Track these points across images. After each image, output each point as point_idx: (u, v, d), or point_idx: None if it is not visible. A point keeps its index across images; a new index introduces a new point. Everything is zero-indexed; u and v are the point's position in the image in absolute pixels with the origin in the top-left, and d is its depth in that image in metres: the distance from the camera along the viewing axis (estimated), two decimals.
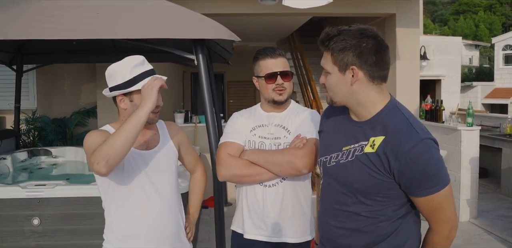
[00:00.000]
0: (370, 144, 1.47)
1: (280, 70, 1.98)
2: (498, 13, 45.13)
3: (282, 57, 2.01)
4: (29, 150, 4.98)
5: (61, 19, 3.15)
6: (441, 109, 5.53)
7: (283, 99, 2.01)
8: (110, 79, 1.80)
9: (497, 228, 4.75)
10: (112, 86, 1.79)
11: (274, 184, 1.97)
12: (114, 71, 1.78)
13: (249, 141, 2.04)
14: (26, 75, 6.21)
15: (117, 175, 1.76)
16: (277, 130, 2.02)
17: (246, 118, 2.10)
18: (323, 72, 1.57)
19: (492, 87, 18.19)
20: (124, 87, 1.77)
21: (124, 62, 1.77)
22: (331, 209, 1.59)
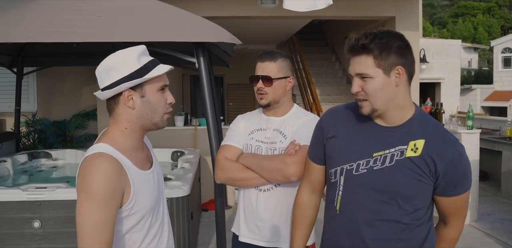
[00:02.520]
0: (411, 148, 1.47)
1: (261, 74, 1.97)
2: (496, 15, 45.22)
3: (270, 61, 1.97)
4: (29, 153, 4.98)
5: (62, 22, 3.16)
6: (441, 112, 5.54)
7: (264, 103, 2.01)
8: (110, 72, 1.38)
9: (498, 231, 4.74)
10: (116, 80, 1.38)
11: (269, 189, 1.98)
12: (116, 62, 1.38)
13: (247, 144, 2.05)
14: (27, 78, 6.21)
15: (146, 207, 1.43)
16: (274, 134, 2.01)
17: (246, 121, 2.11)
18: (358, 80, 1.52)
19: (491, 90, 18.21)
20: (134, 77, 1.38)
21: (126, 52, 1.41)
22: (366, 220, 1.52)
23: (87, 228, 1.26)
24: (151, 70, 1.41)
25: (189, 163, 4.22)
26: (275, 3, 5.39)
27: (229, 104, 12.18)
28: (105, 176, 1.29)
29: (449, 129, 5.23)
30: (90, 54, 5.22)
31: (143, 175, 1.44)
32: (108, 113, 1.47)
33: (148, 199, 1.44)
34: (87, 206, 1.27)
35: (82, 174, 1.32)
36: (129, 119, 1.44)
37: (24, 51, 5.12)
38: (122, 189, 1.34)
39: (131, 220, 1.39)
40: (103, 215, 1.27)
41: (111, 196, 1.29)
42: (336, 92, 8.62)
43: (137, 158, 1.45)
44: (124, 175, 1.35)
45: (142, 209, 1.41)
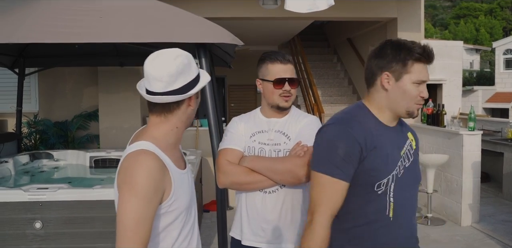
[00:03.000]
0: (411, 138, 1.70)
1: (288, 77, 1.97)
2: (498, 17, 45.20)
3: (291, 64, 2.00)
4: (30, 153, 4.98)
5: (64, 22, 3.16)
6: (443, 113, 5.54)
7: (287, 106, 2.01)
8: (180, 76, 1.42)
9: (500, 233, 4.73)
10: (187, 82, 1.43)
11: (274, 190, 1.96)
12: (184, 65, 1.43)
13: (249, 147, 2.01)
14: (28, 78, 6.21)
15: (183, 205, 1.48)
16: (277, 136, 2.00)
17: (245, 124, 2.07)
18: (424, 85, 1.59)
19: (493, 91, 18.18)
20: (198, 80, 1.48)
21: (185, 54, 1.46)
22: (413, 217, 1.70)
23: (128, 223, 1.28)
24: (199, 72, 1.51)
25: (191, 164, 4.19)
26: (277, 4, 5.40)
27: (231, 105, 12.18)
28: (149, 173, 1.33)
29: (450, 130, 5.23)
30: (91, 54, 5.24)
31: (181, 174, 1.49)
32: (155, 112, 1.48)
33: (185, 197, 1.48)
34: (131, 201, 1.30)
35: (125, 170, 1.35)
36: (183, 119, 1.50)
37: (25, 52, 5.13)
38: (164, 186, 1.37)
39: (168, 217, 1.43)
40: (145, 210, 1.30)
41: (154, 192, 1.33)
42: (338, 93, 8.62)
43: (176, 157, 1.51)
44: (166, 173, 1.39)
45: (179, 207, 1.45)
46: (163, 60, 1.41)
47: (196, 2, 5.60)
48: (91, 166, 5.00)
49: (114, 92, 6.08)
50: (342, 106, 8.17)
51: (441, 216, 5.45)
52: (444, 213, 5.43)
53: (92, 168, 4.98)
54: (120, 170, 1.38)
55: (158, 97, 1.43)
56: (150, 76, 1.42)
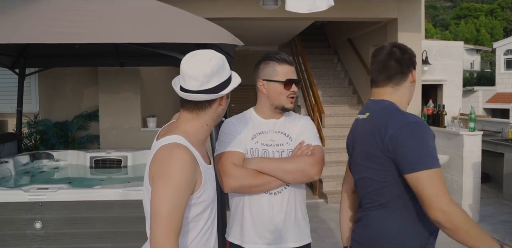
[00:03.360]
0: None
1: (295, 78, 2.00)
2: (499, 17, 45.21)
3: (292, 65, 2.02)
4: (31, 154, 4.98)
5: (64, 23, 3.16)
6: (443, 113, 5.54)
7: (292, 107, 2.03)
8: (214, 76, 1.50)
9: (500, 234, 4.73)
10: (221, 82, 1.52)
11: (279, 191, 1.97)
12: (219, 66, 1.51)
13: (252, 149, 1.98)
14: (28, 79, 6.22)
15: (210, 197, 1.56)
16: (279, 137, 2.00)
17: (244, 126, 2.02)
18: None
19: (494, 92, 18.17)
20: (230, 80, 1.57)
21: (219, 56, 1.54)
22: None
23: (163, 212, 1.35)
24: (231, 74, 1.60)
25: None
26: (277, 4, 5.40)
27: (231, 105, 12.19)
28: (183, 165, 1.40)
29: (451, 131, 5.23)
30: (92, 55, 5.24)
31: (208, 169, 1.58)
32: (188, 109, 1.55)
33: (212, 190, 1.57)
34: (165, 191, 1.36)
35: (160, 162, 1.42)
36: (213, 118, 1.58)
37: (26, 52, 5.13)
38: (195, 178, 1.45)
39: (197, 208, 1.50)
40: (179, 201, 1.38)
41: (187, 184, 1.40)
42: (338, 93, 8.62)
43: (203, 152, 1.59)
44: (197, 166, 1.47)
45: (207, 199, 1.53)
46: (199, 60, 1.49)
47: (196, 2, 5.61)
48: (91, 167, 5.00)
49: (115, 93, 6.08)
50: (342, 107, 8.17)
51: None
52: None
53: (92, 168, 4.98)
54: (154, 162, 1.45)
55: (192, 95, 1.50)
56: (186, 74, 1.49)
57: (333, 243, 4.58)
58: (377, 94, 1.82)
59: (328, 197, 6.19)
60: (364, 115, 1.82)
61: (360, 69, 8.15)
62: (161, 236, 1.34)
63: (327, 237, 4.73)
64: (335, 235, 4.82)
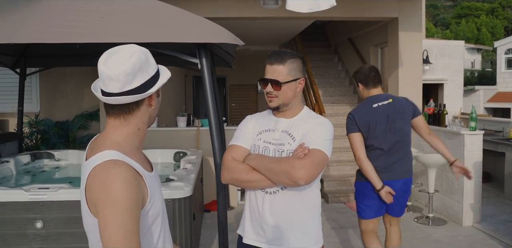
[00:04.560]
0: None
1: (271, 78, 1.93)
2: (500, 16, 45.15)
3: (279, 64, 1.93)
4: (32, 153, 4.99)
5: (65, 23, 3.16)
6: (444, 113, 5.53)
7: (272, 106, 1.98)
8: (137, 74, 1.31)
9: (501, 233, 4.73)
10: (145, 81, 1.33)
11: (275, 191, 1.95)
12: (142, 62, 1.32)
13: (255, 145, 2.02)
14: (29, 78, 6.22)
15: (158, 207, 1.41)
16: (282, 136, 1.98)
17: (255, 122, 2.09)
18: None
19: (495, 91, 18.17)
20: (157, 77, 1.38)
21: (140, 50, 1.35)
22: None
23: (117, 242, 1.18)
24: (159, 69, 1.41)
25: (192, 164, 4.22)
26: (278, 4, 5.39)
27: (232, 105, 12.19)
28: (126, 185, 1.22)
29: (452, 130, 5.22)
30: (92, 54, 5.22)
31: (151, 177, 1.40)
32: (113, 115, 1.37)
33: (159, 199, 1.42)
34: (115, 219, 1.19)
35: (98, 187, 1.23)
36: (144, 120, 1.40)
37: (27, 52, 5.14)
38: (142, 194, 1.29)
39: (148, 220, 1.36)
40: (132, 224, 1.21)
41: (136, 204, 1.24)
42: (339, 93, 8.62)
43: (141, 159, 1.41)
44: (141, 180, 1.31)
45: (156, 210, 1.38)
46: (118, 58, 1.31)
47: (197, 2, 5.61)
48: None
49: None
50: (343, 106, 8.17)
51: (443, 216, 5.45)
52: (445, 213, 5.43)
53: None
54: (90, 187, 1.25)
55: (114, 98, 1.32)
56: (104, 75, 1.30)
57: (334, 243, 4.58)
58: (377, 91, 3.25)
59: (329, 197, 6.18)
60: (388, 101, 3.18)
61: None
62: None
63: (328, 237, 4.73)
64: (335, 235, 4.82)
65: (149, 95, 1.35)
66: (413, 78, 6.35)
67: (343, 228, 5.05)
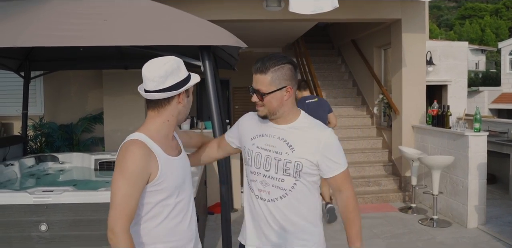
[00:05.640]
0: None
1: (254, 88, 1.90)
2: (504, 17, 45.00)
3: (262, 74, 1.85)
4: (36, 156, 5.01)
5: (69, 26, 3.18)
6: (448, 114, 5.51)
7: (260, 115, 1.94)
8: (169, 77, 1.73)
9: (506, 235, 4.70)
10: (176, 82, 1.75)
11: (273, 199, 1.93)
12: (173, 68, 1.74)
13: (248, 149, 2.00)
14: (34, 82, 6.25)
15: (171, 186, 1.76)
16: (279, 144, 1.92)
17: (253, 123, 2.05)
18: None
19: (499, 92, 18.07)
20: (188, 80, 1.79)
21: (175, 60, 1.77)
22: None
23: (116, 199, 1.61)
24: (191, 75, 1.82)
25: (195, 166, 4.22)
26: (281, 6, 5.40)
27: (235, 107, 12.19)
28: (135, 160, 1.64)
29: (456, 131, 5.20)
30: (96, 57, 5.27)
31: (170, 160, 1.77)
32: (150, 107, 1.80)
33: (174, 179, 1.77)
34: (119, 182, 1.62)
35: (119, 157, 1.67)
36: (173, 114, 1.80)
37: (31, 55, 5.16)
38: (150, 170, 1.67)
39: (159, 195, 1.73)
40: (131, 189, 1.62)
41: (138, 175, 1.63)
42: (342, 94, 8.61)
43: (167, 145, 1.80)
44: (153, 158, 1.69)
45: (168, 187, 1.74)
46: (156, 64, 1.73)
47: (200, 4, 5.62)
48: (96, 169, 5.02)
49: (119, 95, 6.10)
50: (346, 108, 8.16)
51: (447, 218, 5.43)
52: (450, 215, 5.40)
53: (97, 170, 5.00)
54: (117, 156, 1.70)
55: (150, 94, 1.75)
56: (145, 77, 1.74)
57: (338, 245, 4.56)
58: (307, 93, 5.52)
59: (332, 199, 6.17)
60: (314, 99, 5.45)
61: (364, 70, 8.14)
62: (114, 219, 1.58)
63: (332, 239, 4.72)
64: (338, 237, 4.81)
65: (177, 93, 1.76)
66: (416, 80, 6.33)
67: None
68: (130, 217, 1.62)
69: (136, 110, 6.11)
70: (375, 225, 5.21)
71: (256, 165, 1.96)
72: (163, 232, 1.77)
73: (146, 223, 1.75)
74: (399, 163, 6.57)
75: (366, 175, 6.76)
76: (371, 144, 7.38)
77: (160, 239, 1.77)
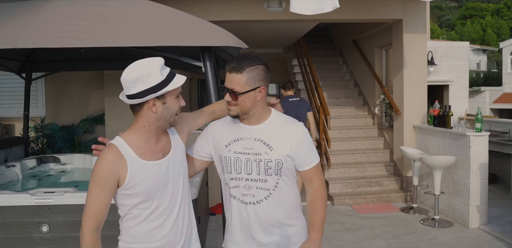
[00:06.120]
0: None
1: (227, 87, 1.87)
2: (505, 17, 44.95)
3: (237, 73, 1.83)
4: (38, 157, 5.01)
5: (70, 27, 3.18)
6: (449, 114, 5.51)
7: (231, 115, 1.92)
8: (137, 83, 1.66)
9: (508, 235, 4.69)
10: (142, 90, 1.67)
11: (259, 201, 1.93)
12: (142, 74, 1.66)
13: (225, 157, 1.96)
14: (35, 83, 6.26)
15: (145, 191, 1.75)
16: (257, 145, 1.91)
17: (220, 131, 2.01)
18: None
19: (501, 92, 18.03)
20: (159, 88, 1.68)
21: (150, 64, 1.68)
22: None
23: (87, 200, 1.68)
24: (171, 81, 1.72)
25: None
26: (282, 7, 5.40)
27: None
28: (103, 164, 1.68)
29: (457, 131, 5.20)
30: (97, 59, 5.27)
31: (145, 165, 1.75)
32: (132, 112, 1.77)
33: (149, 184, 1.75)
34: (90, 184, 1.69)
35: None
36: (148, 120, 1.75)
37: (32, 57, 5.17)
38: (118, 173, 1.69)
39: (134, 198, 1.75)
40: (98, 191, 1.67)
41: (104, 178, 1.67)
42: (343, 95, 8.60)
43: (146, 149, 1.77)
44: (123, 163, 1.70)
45: (142, 192, 1.74)
46: (128, 68, 1.68)
47: (200, 5, 5.63)
48: None
49: None
50: (348, 108, 8.15)
51: (449, 218, 5.42)
52: (451, 215, 5.40)
53: None
54: None
55: (121, 98, 1.75)
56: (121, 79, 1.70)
57: (340, 245, 4.56)
58: (291, 93, 6.24)
59: (334, 199, 6.17)
60: (297, 98, 6.16)
61: (366, 71, 8.13)
62: (82, 219, 1.67)
63: (333, 240, 4.72)
64: (339, 237, 4.81)
65: (142, 101, 1.69)
66: (418, 80, 6.33)
67: (349, 230, 5.03)
68: (97, 217, 1.66)
69: None
70: (377, 225, 5.21)
71: (237, 171, 1.94)
72: (140, 233, 1.79)
73: (126, 222, 1.81)
74: (401, 163, 6.56)
75: (368, 176, 6.75)
76: (372, 145, 7.38)
77: (138, 240, 1.80)
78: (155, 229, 1.80)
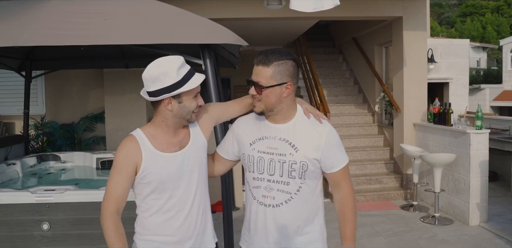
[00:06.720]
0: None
1: (253, 80, 1.81)
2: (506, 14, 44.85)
3: (264, 66, 1.77)
4: (38, 156, 5.01)
5: (70, 25, 3.18)
6: (450, 112, 5.51)
7: (256, 111, 1.86)
8: (155, 82, 1.74)
9: (508, 232, 4.70)
10: (159, 88, 1.74)
11: (278, 204, 1.87)
12: (160, 73, 1.72)
13: (248, 155, 1.91)
14: (35, 81, 6.26)
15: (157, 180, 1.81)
16: (282, 145, 1.84)
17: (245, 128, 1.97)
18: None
19: (501, 90, 18.02)
20: (174, 88, 1.74)
21: (169, 63, 1.73)
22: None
23: (107, 186, 1.77)
24: (188, 81, 1.76)
25: None
26: (281, 4, 5.39)
27: None
28: (121, 150, 1.79)
29: (457, 129, 5.20)
30: (97, 56, 5.27)
31: (159, 155, 1.81)
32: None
33: (162, 175, 1.81)
34: (112, 170, 1.79)
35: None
36: (165, 117, 1.82)
37: (32, 55, 5.16)
38: (135, 161, 1.78)
39: (147, 188, 1.82)
40: (117, 177, 1.76)
41: (123, 164, 1.77)
42: (343, 92, 8.60)
43: (163, 142, 1.84)
44: (138, 153, 1.79)
45: (153, 181, 1.80)
46: (150, 65, 1.75)
47: (200, 3, 5.62)
48: (98, 168, 5.02)
49: (120, 94, 6.10)
50: (348, 106, 8.15)
51: (449, 215, 5.43)
52: (451, 213, 5.40)
53: (99, 169, 5.00)
54: None
55: (142, 94, 1.86)
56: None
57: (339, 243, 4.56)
58: None
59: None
60: None
61: (366, 68, 8.13)
62: (102, 204, 1.76)
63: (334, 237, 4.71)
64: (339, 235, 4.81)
65: (155, 100, 1.77)
66: (418, 77, 6.33)
67: None
68: (116, 203, 1.74)
69: (137, 109, 6.11)
70: (377, 223, 5.21)
71: (259, 171, 1.88)
72: (153, 224, 1.85)
73: (141, 213, 1.88)
74: (401, 161, 6.57)
75: (368, 173, 6.75)
76: (372, 142, 7.38)
77: (150, 231, 1.86)
78: (168, 221, 1.85)
